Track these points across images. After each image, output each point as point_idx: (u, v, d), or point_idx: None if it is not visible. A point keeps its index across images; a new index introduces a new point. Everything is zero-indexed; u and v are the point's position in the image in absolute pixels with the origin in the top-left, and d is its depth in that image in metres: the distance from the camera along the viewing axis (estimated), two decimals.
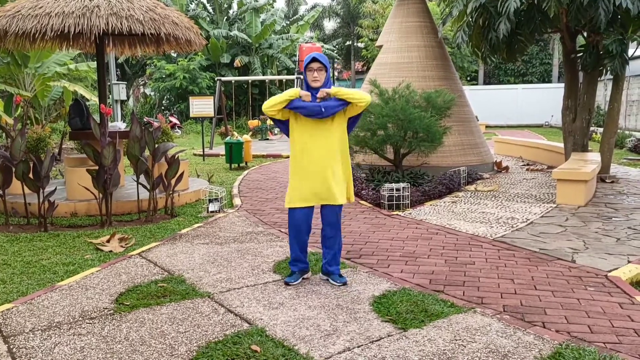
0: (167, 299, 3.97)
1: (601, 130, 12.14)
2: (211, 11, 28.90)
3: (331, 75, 29.72)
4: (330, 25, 41.20)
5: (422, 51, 10.22)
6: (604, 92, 21.67)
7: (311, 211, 4.27)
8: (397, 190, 7.25)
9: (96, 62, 8.82)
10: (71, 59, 15.53)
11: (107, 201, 6.45)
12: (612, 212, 6.91)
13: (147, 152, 6.89)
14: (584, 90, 9.59)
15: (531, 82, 31.68)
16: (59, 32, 6.89)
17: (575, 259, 4.93)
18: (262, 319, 3.60)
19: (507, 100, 27.84)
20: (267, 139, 20.12)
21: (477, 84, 32.10)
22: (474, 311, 3.70)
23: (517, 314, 3.67)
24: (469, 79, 31.98)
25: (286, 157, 14.21)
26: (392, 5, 11.41)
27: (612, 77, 9.41)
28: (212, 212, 7.09)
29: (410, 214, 6.93)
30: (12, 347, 3.21)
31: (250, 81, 24.04)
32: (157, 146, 6.91)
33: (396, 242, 5.59)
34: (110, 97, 18.56)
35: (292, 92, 4.10)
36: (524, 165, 11.79)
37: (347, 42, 39.16)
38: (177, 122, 23.41)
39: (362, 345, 3.21)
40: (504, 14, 8.12)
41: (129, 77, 30.90)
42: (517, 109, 27.73)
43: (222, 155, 14.25)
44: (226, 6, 29.27)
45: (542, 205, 7.38)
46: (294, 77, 20.49)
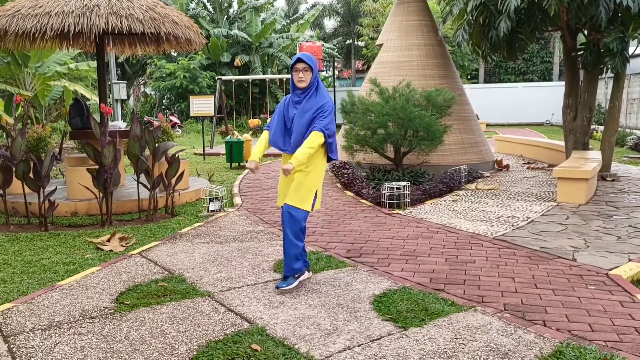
0: (167, 298, 3.97)
1: (602, 128, 12.13)
2: (211, 10, 28.89)
3: (331, 74, 29.79)
4: (330, 24, 41.19)
5: (422, 50, 10.21)
6: (604, 90, 21.65)
7: None
8: (398, 189, 7.24)
9: (96, 62, 8.82)
10: (71, 59, 15.53)
11: (107, 200, 6.45)
12: (612, 211, 6.90)
13: (147, 152, 6.89)
14: (584, 88, 9.57)
15: (532, 80, 31.65)
16: (59, 32, 6.90)
17: (576, 257, 4.93)
18: (262, 318, 3.59)
19: (507, 98, 27.80)
20: None
21: (477, 83, 32.07)
22: (474, 310, 3.70)
23: (518, 313, 3.66)
24: (469, 77, 31.95)
25: None
26: (393, 3, 11.40)
27: (612, 75, 9.40)
28: (213, 211, 7.09)
29: (410, 212, 6.93)
30: (12, 346, 3.21)
31: (250, 80, 24.04)
32: (157, 145, 6.91)
33: (397, 240, 5.59)
34: (110, 96, 18.56)
35: (248, 164, 4.15)
36: (525, 163, 11.78)
37: (348, 41, 39.14)
38: (178, 122, 23.41)
39: (363, 344, 3.20)
40: (504, 12, 8.11)
41: (129, 76, 30.90)
42: (517, 107, 27.69)
43: (222, 154, 14.25)
44: (226, 5, 29.25)
45: (543, 203, 7.37)
46: None
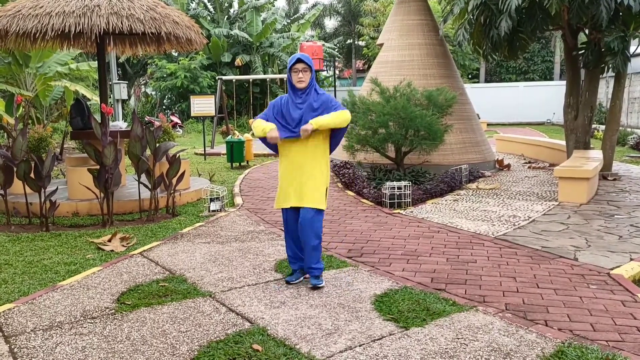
0: (168, 299, 3.97)
1: (603, 127, 12.12)
2: (212, 10, 28.89)
3: (332, 74, 29.77)
4: (331, 23, 41.20)
5: (423, 49, 10.20)
6: (605, 90, 21.63)
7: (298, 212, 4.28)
8: (399, 188, 7.24)
9: (97, 62, 8.82)
10: (72, 59, 15.54)
11: (108, 201, 6.45)
12: (614, 210, 6.90)
13: (148, 152, 6.89)
14: (585, 87, 9.56)
15: (533, 79, 31.64)
16: (60, 32, 6.90)
17: (577, 256, 4.92)
18: (263, 318, 3.59)
19: (508, 98, 27.78)
20: None
21: (478, 82, 32.05)
22: (475, 310, 3.69)
23: (519, 313, 3.66)
24: (470, 76, 31.93)
25: None
26: (393, 3, 11.39)
27: (613, 74, 9.38)
28: (214, 211, 7.09)
29: (411, 212, 6.92)
30: (13, 347, 3.21)
31: (251, 80, 24.03)
32: (158, 145, 6.91)
33: (398, 240, 5.58)
34: (111, 96, 18.56)
35: (259, 131, 4.10)
36: (526, 163, 11.76)
37: (348, 41, 39.13)
38: (179, 121, 23.42)
39: (364, 344, 3.20)
40: (505, 12, 8.10)
41: (130, 76, 30.91)
42: (518, 106, 27.67)
43: (223, 154, 14.25)
44: (227, 5, 29.26)
45: (544, 203, 7.37)
46: None
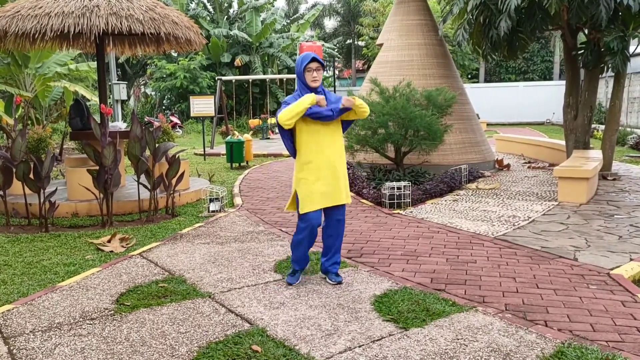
0: (167, 299, 3.96)
1: (602, 127, 12.12)
2: (211, 10, 28.89)
3: (332, 74, 29.76)
4: (330, 23, 41.20)
5: (422, 49, 10.19)
6: (605, 90, 21.63)
7: (322, 212, 4.26)
8: (398, 188, 7.23)
9: (96, 62, 8.81)
10: (72, 59, 15.53)
11: (107, 201, 6.44)
12: (614, 210, 6.89)
13: (147, 152, 6.88)
14: (585, 87, 9.56)
15: (532, 79, 31.65)
16: (59, 32, 6.89)
17: (577, 257, 4.92)
18: (263, 319, 3.59)
19: (508, 98, 27.80)
20: (268, 138, 20.11)
21: (478, 82, 32.06)
22: (475, 310, 3.69)
23: (519, 313, 3.65)
24: (469, 76, 31.94)
25: (287, 156, 14.18)
26: (393, 3, 11.38)
27: (613, 74, 9.38)
28: (213, 211, 7.09)
29: (411, 212, 6.92)
30: (12, 348, 3.21)
31: (250, 80, 24.03)
32: (157, 146, 6.91)
33: (397, 240, 5.58)
34: (110, 97, 18.56)
35: (309, 100, 4.01)
36: (526, 163, 11.76)
37: (348, 41, 39.14)
38: (178, 122, 23.41)
39: (364, 344, 3.20)
40: (504, 12, 8.10)
41: (130, 76, 30.90)
42: (518, 106, 27.68)
43: (223, 154, 14.24)
44: (226, 5, 29.26)
45: (544, 203, 7.36)
46: (294, 76, 20.46)
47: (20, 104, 13.79)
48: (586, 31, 9.32)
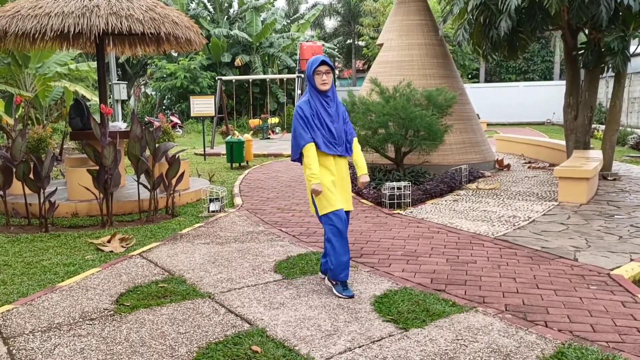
0: (167, 300, 3.96)
1: (603, 127, 12.11)
2: (212, 10, 28.89)
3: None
4: (330, 23, 41.19)
5: (422, 49, 10.19)
6: (605, 90, 21.62)
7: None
8: (399, 189, 7.23)
9: (96, 62, 8.81)
10: (72, 59, 15.53)
11: (107, 201, 6.44)
12: (614, 210, 6.89)
13: (147, 152, 6.88)
14: (585, 87, 9.56)
15: (532, 79, 31.63)
16: (59, 32, 6.89)
17: (577, 257, 4.91)
18: (262, 320, 3.58)
19: (508, 98, 27.78)
20: (268, 138, 20.11)
21: (478, 82, 32.04)
22: (475, 310, 3.68)
23: (519, 313, 3.65)
24: (470, 76, 31.93)
25: (287, 156, 14.19)
26: (393, 3, 11.38)
27: (613, 74, 9.38)
28: (213, 211, 7.08)
29: (411, 212, 6.91)
30: (11, 348, 3.20)
31: (251, 80, 24.03)
32: (157, 146, 6.90)
33: (397, 241, 5.57)
34: (110, 97, 18.56)
35: (311, 186, 4.00)
36: (526, 163, 11.76)
37: (348, 41, 39.14)
38: (178, 122, 23.42)
39: (363, 345, 3.19)
40: (505, 12, 8.09)
41: (130, 76, 30.90)
42: (518, 106, 27.67)
43: (223, 154, 14.24)
44: (227, 5, 29.25)
45: (544, 203, 7.36)
46: (294, 75, 20.48)
47: (20, 104, 13.79)
48: (586, 31, 9.31)
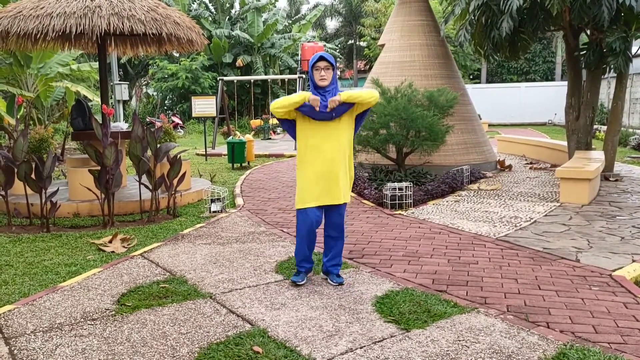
0: (168, 300, 3.96)
1: (604, 128, 12.09)
2: (213, 11, 28.91)
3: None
4: (332, 24, 41.25)
5: (424, 50, 10.19)
6: (607, 90, 21.59)
7: (322, 210, 4.24)
8: (400, 189, 7.22)
9: (98, 63, 8.82)
10: (73, 60, 15.55)
11: (109, 201, 6.44)
12: (616, 211, 6.88)
13: (149, 152, 6.88)
14: (587, 88, 9.54)
15: (534, 80, 31.60)
16: (61, 33, 6.89)
17: (579, 258, 4.91)
18: (264, 320, 3.58)
19: (510, 98, 27.76)
20: (270, 139, 20.11)
21: (479, 83, 32.03)
22: (477, 311, 3.68)
23: (521, 314, 3.64)
24: (471, 77, 31.92)
25: (289, 157, 14.19)
26: (394, 4, 11.38)
27: (615, 75, 9.36)
28: (215, 212, 7.08)
29: (413, 213, 6.91)
30: (13, 348, 3.20)
31: (252, 81, 24.04)
32: (159, 146, 6.91)
33: (399, 241, 5.57)
34: (112, 97, 18.57)
35: (301, 97, 4.04)
36: (527, 163, 11.74)
37: (350, 41, 39.16)
38: (180, 122, 23.43)
39: (365, 346, 3.19)
40: (506, 12, 8.08)
41: (132, 77, 30.93)
42: (520, 107, 27.65)
43: (224, 155, 14.24)
44: (228, 6, 29.28)
45: (546, 204, 7.35)
46: (296, 76, 20.48)
47: (22, 104, 13.80)
48: (588, 32, 9.30)
